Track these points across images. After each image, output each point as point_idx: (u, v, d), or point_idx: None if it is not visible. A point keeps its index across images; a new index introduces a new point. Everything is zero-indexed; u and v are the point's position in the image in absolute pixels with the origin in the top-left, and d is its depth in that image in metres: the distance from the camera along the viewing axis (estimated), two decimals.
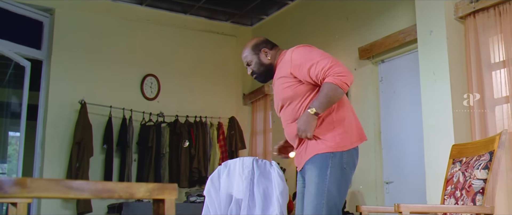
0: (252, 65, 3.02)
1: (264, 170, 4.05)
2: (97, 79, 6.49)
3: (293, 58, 2.84)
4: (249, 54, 3.03)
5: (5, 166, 9.37)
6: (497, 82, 3.98)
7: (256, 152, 7.13)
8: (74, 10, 6.48)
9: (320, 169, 2.73)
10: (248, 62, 3.04)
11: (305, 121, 2.74)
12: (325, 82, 2.74)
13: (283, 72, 2.87)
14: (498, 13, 3.98)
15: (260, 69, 3.01)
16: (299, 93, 2.82)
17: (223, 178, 4.09)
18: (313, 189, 2.73)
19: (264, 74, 3.02)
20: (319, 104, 2.72)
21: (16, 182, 1.03)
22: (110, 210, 6.14)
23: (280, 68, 2.93)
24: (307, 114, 2.74)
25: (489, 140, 2.94)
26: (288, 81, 2.84)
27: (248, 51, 3.04)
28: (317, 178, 2.74)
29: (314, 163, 2.76)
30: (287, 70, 2.84)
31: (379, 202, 5.13)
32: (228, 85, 7.47)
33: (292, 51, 2.89)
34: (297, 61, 2.81)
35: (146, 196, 1.24)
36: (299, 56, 2.83)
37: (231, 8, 7.07)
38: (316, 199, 2.70)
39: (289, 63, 2.84)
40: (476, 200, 2.80)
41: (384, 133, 5.27)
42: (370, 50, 5.35)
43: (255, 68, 3.01)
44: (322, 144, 2.77)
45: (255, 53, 3.02)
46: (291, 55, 2.86)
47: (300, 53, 2.85)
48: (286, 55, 2.92)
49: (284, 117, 2.92)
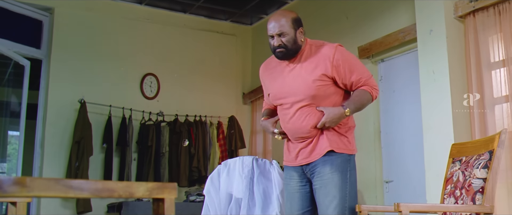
0: (285, 38, 2.77)
1: (264, 169, 4.05)
2: (96, 78, 6.48)
3: (336, 57, 2.75)
4: (287, 25, 2.78)
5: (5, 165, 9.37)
6: (497, 81, 3.98)
7: (256, 151, 7.13)
8: (74, 9, 6.48)
9: (342, 172, 2.77)
10: (282, 33, 2.78)
11: (336, 118, 2.75)
12: (363, 90, 2.81)
13: (321, 68, 2.76)
14: (497, 12, 3.98)
15: (293, 46, 2.78)
16: (327, 95, 2.79)
17: (223, 177, 4.09)
18: (337, 192, 2.75)
19: (292, 52, 2.81)
20: (354, 108, 2.80)
21: (15, 181, 1.03)
22: (110, 209, 6.14)
23: (313, 60, 2.80)
24: (342, 113, 2.76)
25: (489, 139, 2.93)
26: (322, 79, 2.76)
27: (287, 22, 2.79)
28: (340, 181, 2.76)
29: (336, 166, 2.78)
30: (327, 67, 2.75)
31: (379, 201, 5.13)
32: (228, 84, 7.47)
33: (334, 48, 2.78)
34: (340, 61, 2.75)
35: (146, 195, 1.24)
36: (342, 57, 2.77)
37: (230, 7, 7.07)
38: (341, 202, 2.74)
39: (329, 60, 2.75)
40: (475, 199, 2.80)
41: (383, 132, 5.27)
42: (370, 49, 5.35)
43: (289, 42, 2.78)
44: (346, 143, 2.82)
45: (293, 28, 2.79)
46: (334, 53, 2.76)
47: (344, 54, 2.80)
48: (323, 49, 2.81)
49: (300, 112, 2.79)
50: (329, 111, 2.75)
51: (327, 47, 2.81)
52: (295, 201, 2.91)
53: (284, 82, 2.85)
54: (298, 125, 2.81)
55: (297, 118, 2.81)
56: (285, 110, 2.86)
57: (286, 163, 2.99)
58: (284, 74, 2.86)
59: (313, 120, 2.78)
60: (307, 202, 2.89)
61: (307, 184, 2.89)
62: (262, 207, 3.91)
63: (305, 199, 2.89)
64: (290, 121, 2.84)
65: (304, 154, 2.84)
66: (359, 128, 5.42)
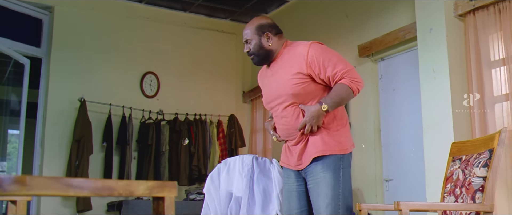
0: (251, 44, 2.92)
1: (264, 168, 4.05)
2: (96, 77, 6.48)
3: (310, 53, 2.77)
4: (251, 33, 2.93)
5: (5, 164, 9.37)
6: (497, 80, 3.98)
7: (255, 150, 7.13)
8: (74, 8, 6.48)
9: (334, 171, 2.75)
10: (247, 40, 2.94)
11: (314, 115, 2.74)
12: (341, 83, 2.78)
13: (296, 67, 2.78)
14: (497, 10, 3.98)
15: (260, 52, 2.91)
16: (308, 92, 2.79)
17: (222, 176, 4.10)
18: (329, 191, 2.74)
19: (262, 57, 2.93)
20: (331, 103, 2.76)
21: (15, 180, 1.03)
22: (110, 208, 6.14)
23: (289, 60, 2.84)
24: (318, 109, 2.74)
25: (489, 138, 2.93)
26: (298, 78, 2.78)
27: (251, 29, 2.93)
28: (332, 180, 2.75)
29: (327, 164, 2.77)
30: (301, 65, 2.77)
31: (379, 200, 5.13)
32: (228, 83, 7.47)
33: (308, 46, 2.81)
34: (315, 58, 2.76)
35: (146, 194, 1.24)
36: (317, 53, 2.78)
37: (230, 6, 7.06)
38: (333, 201, 2.73)
39: (303, 58, 2.77)
40: (475, 198, 2.80)
41: (383, 131, 5.27)
42: (370, 47, 5.35)
43: (254, 49, 2.91)
44: (333, 144, 2.79)
45: (257, 34, 2.91)
46: (308, 51, 2.78)
47: (318, 50, 2.80)
48: (298, 48, 2.84)
49: (286, 113, 2.83)
50: (308, 110, 2.76)
51: (302, 45, 2.84)
52: (293, 200, 2.92)
53: (269, 86, 2.93)
54: (288, 126, 2.84)
55: (285, 119, 2.85)
56: (275, 113, 2.92)
57: (282, 164, 3.01)
58: (269, 78, 2.94)
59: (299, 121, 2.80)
60: (304, 201, 2.91)
61: (303, 183, 2.91)
62: (262, 206, 3.92)
63: (302, 198, 2.91)
64: (280, 122, 2.89)
65: (295, 160, 2.86)
66: (359, 126, 5.44)
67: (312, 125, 2.74)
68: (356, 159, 3.99)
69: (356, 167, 5.20)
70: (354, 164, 3.00)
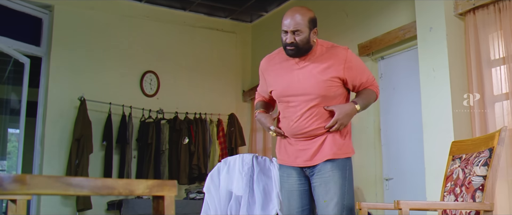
0: (299, 37, 2.74)
1: (264, 167, 4.05)
2: (96, 76, 6.48)
3: (348, 59, 2.79)
4: (303, 24, 2.75)
5: (5, 163, 9.37)
6: (497, 78, 3.98)
7: (256, 149, 7.13)
8: (73, 7, 6.47)
9: (342, 171, 2.79)
10: (296, 31, 2.75)
11: (348, 114, 2.79)
12: (370, 89, 2.92)
13: (333, 69, 2.77)
14: (497, 9, 3.98)
15: (305, 46, 2.77)
16: (334, 96, 2.82)
17: (222, 175, 4.10)
18: (337, 189, 2.76)
19: (303, 51, 2.79)
20: (363, 104, 2.86)
21: (15, 178, 1.03)
22: (110, 207, 6.14)
23: (325, 60, 2.78)
24: (353, 108, 2.81)
25: (489, 137, 2.93)
26: (334, 80, 2.78)
27: (304, 20, 2.76)
28: (341, 179, 2.78)
29: (337, 164, 2.80)
30: (339, 69, 2.77)
31: (379, 198, 5.14)
32: (228, 82, 7.46)
33: (346, 51, 2.82)
34: (352, 64, 2.82)
35: (146, 193, 1.24)
36: (354, 60, 2.85)
37: (230, 5, 7.06)
38: (341, 200, 2.76)
39: (342, 63, 2.78)
40: (475, 196, 2.80)
41: (383, 130, 5.27)
42: (370, 46, 5.35)
43: (301, 41, 2.75)
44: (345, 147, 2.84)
45: (309, 27, 2.77)
46: (346, 56, 2.80)
47: (354, 56, 2.86)
48: (336, 51, 2.82)
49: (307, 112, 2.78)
50: (340, 108, 2.76)
51: (340, 49, 2.84)
52: (294, 199, 2.90)
53: (293, 80, 2.82)
54: (305, 125, 2.80)
55: (305, 117, 2.79)
56: (292, 108, 2.83)
57: (282, 162, 2.96)
58: (294, 72, 2.83)
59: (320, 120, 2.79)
60: (306, 200, 2.90)
61: (305, 182, 2.89)
62: (262, 205, 3.92)
63: (304, 197, 2.89)
64: (297, 120, 2.81)
65: (306, 157, 2.83)
66: (359, 125, 5.44)
67: (342, 124, 2.77)
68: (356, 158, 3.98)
69: (356, 166, 5.17)
70: (354, 163, 3.01)
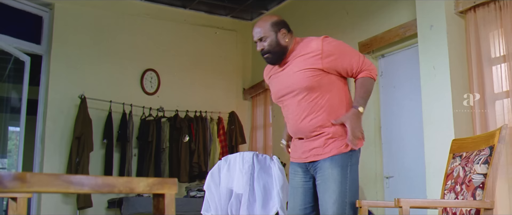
0: (266, 42, 2.84)
1: (264, 165, 4.05)
2: (97, 74, 6.48)
3: (324, 49, 2.75)
4: (266, 30, 2.85)
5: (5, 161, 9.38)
6: (498, 76, 3.98)
7: (256, 146, 7.13)
8: (74, 5, 6.47)
9: (341, 168, 2.74)
10: (262, 38, 2.85)
11: (357, 122, 2.74)
12: (364, 78, 2.79)
13: (309, 61, 2.76)
14: (498, 7, 3.97)
15: (276, 49, 2.83)
16: (322, 84, 2.77)
17: (223, 173, 4.10)
18: (336, 187, 2.73)
19: (278, 55, 2.85)
20: (364, 102, 2.77)
21: (16, 176, 1.03)
22: (111, 205, 6.15)
23: (302, 55, 2.80)
24: (357, 114, 2.74)
25: (489, 135, 2.93)
26: (313, 71, 2.75)
27: (265, 26, 2.85)
28: (340, 176, 2.74)
29: (336, 161, 2.76)
30: (316, 60, 2.75)
31: (379, 196, 5.14)
32: (228, 80, 7.46)
33: (321, 41, 2.78)
34: (330, 52, 2.76)
35: (146, 191, 1.24)
36: (331, 47, 2.77)
37: (231, 3, 7.06)
38: (340, 198, 2.71)
39: (318, 53, 2.75)
40: (476, 194, 2.80)
41: (384, 128, 5.27)
42: (370, 44, 5.34)
43: (270, 46, 2.83)
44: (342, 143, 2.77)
45: (273, 30, 2.84)
46: (322, 46, 2.76)
47: (332, 43, 2.79)
48: (311, 44, 2.81)
49: (299, 108, 2.80)
50: (347, 120, 2.73)
51: (314, 41, 2.81)
52: (298, 196, 2.90)
53: (279, 81, 2.89)
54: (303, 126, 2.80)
55: (300, 116, 2.81)
56: (286, 108, 2.90)
57: (291, 159, 3.00)
58: (279, 74, 2.91)
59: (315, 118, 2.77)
60: (310, 198, 2.89)
61: (310, 180, 2.89)
62: (262, 203, 3.92)
63: (308, 194, 2.89)
64: (295, 121, 2.84)
65: (309, 153, 2.83)
66: None
67: (358, 131, 2.74)
68: None
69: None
70: None
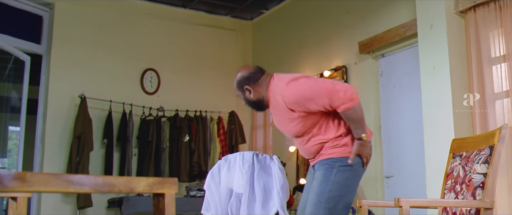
0: (241, 97, 3.00)
1: (265, 164, 4.05)
2: (97, 74, 6.48)
3: (286, 101, 2.74)
4: (236, 90, 3.00)
5: (5, 161, 9.37)
6: (498, 76, 3.98)
7: (256, 146, 7.13)
8: (74, 4, 6.47)
9: (325, 170, 2.79)
10: (238, 95, 3.01)
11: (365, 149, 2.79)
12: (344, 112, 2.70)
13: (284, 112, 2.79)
14: (498, 7, 3.97)
15: (251, 102, 2.96)
16: (310, 123, 2.79)
17: (223, 173, 4.10)
18: (316, 187, 2.78)
19: (257, 107, 2.99)
20: (360, 131, 2.75)
21: (16, 176, 1.03)
22: (111, 205, 6.15)
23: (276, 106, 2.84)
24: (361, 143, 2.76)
25: (489, 135, 2.93)
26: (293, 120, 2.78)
27: (234, 85, 2.99)
28: (321, 177, 2.79)
29: (321, 163, 2.82)
30: (287, 110, 2.78)
31: (379, 196, 5.14)
32: (228, 80, 7.43)
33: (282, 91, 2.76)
34: (293, 100, 2.72)
35: (146, 191, 1.24)
36: (293, 97, 2.72)
37: (231, 2, 7.06)
38: (317, 197, 2.74)
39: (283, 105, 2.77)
40: (476, 194, 2.80)
41: (384, 127, 5.27)
42: (370, 44, 5.34)
43: (245, 100, 2.98)
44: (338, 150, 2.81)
45: (239, 90, 2.96)
46: (283, 98, 2.75)
47: (294, 91, 2.73)
48: (277, 88, 2.80)
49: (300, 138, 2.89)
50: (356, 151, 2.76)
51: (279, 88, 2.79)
52: (304, 195, 2.98)
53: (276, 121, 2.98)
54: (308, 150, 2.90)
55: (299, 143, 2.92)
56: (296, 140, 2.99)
57: None
58: (272, 113, 3.00)
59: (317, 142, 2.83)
60: None
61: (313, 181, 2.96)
62: (262, 202, 3.92)
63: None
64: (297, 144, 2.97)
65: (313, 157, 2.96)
66: None
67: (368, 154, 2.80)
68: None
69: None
70: None
